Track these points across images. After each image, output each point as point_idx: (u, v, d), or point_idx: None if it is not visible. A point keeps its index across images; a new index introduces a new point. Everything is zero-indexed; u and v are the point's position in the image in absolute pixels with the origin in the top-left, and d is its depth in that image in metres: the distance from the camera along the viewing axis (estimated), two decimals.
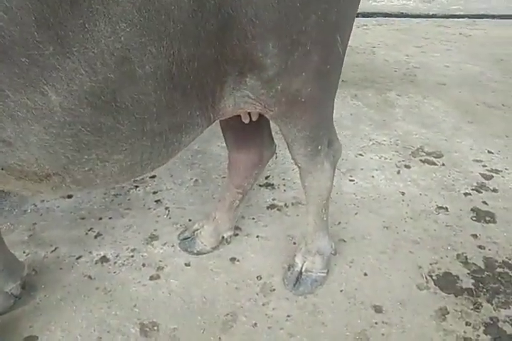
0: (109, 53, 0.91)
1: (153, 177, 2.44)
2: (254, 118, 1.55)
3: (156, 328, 1.55)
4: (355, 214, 2.15)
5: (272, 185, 2.38)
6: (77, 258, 1.85)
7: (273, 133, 1.80)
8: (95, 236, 1.97)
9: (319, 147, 1.42)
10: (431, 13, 6.54)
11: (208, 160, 2.63)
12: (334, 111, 1.50)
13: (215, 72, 1.09)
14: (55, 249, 1.89)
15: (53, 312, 1.60)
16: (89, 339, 1.50)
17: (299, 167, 1.50)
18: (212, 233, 1.86)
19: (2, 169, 0.97)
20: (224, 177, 2.46)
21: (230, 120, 1.60)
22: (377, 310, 1.63)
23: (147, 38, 0.93)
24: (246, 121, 1.55)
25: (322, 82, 1.26)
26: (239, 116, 1.53)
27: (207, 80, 1.09)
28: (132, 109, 1.00)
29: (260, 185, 2.37)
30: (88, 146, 1.00)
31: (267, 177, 2.45)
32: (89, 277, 1.76)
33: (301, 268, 1.72)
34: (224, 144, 2.84)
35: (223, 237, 1.89)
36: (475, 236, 2.01)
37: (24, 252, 1.85)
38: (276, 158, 2.49)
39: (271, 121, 1.45)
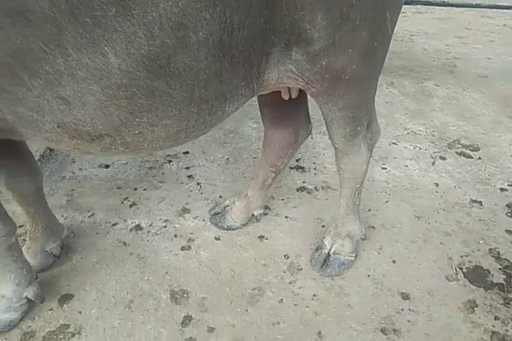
0: (166, 18, 0.92)
1: (187, 153, 2.47)
2: (293, 96, 1.54)
3: (185, 296, 1.60)
4: (386, 202, 2.13)
5: (303, 168, 2.37)
6: (113, 225, 1.91)
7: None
8: (130, 206, 2.03)
9: (358, 128, 1.40)
10: (474, 2, 6.22)
11: (239, 140, 2.64)
12: None
13: (262, 42, 1.09)
14: (92, 214, 1.96)
15: (89, 273, 1.68)
16: (122, 301, 1.57)
17: (336, 148, 1.49)
18: (242, 210, 1.88)
19: (58, 127, 1.01)
20: (255, 158, 2.47)
21: (268, 97, 1.59)
22: (405, 297, 1.63)
23: (203, 3, 0.93)
24: (286, 97, 1.54)
25: (368, 61, 1.24)
26: (278, 93, 1.52)
27: (254, 50, 1.09)
28: (184, 74, 1.01)
29: (291, 168, 2.37)
30: (141, 109, 1.03)
31: (297, 160, 2.44)
32: (124, 243, 1.82)
33: (330, 251, 1.73)
34: (255, 125, 2.90)
35: (253, 215, 1.91)
36: (509, 231, 1.97)
37: (62, 216, 1.93)
38: (312, 138, 2.46)
39: (310, 100, 1.44)
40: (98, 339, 1.43)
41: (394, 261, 1.79)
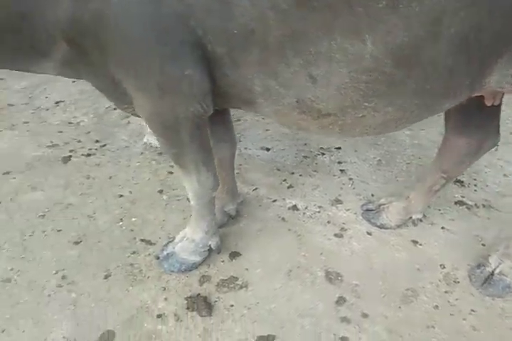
0: (426, 12, 0.98)
1: (339, 148, 2.56)
2: (497, 102, 1.48)
3: (339, 278, 1.68)
4: None
5: (462, 182, 2.27)
6: (273, 201, 2.09)
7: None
8: (288, 187, 2.20)
9: None
10: None
11: (391, 144, 2.63)
12: None
13: (497, 44, 1.09)
14: (256, 189, 2.17)
15: (252, 238, 1.87)
16: (282, 269, 1.71)
17: None
18: (400, 211, 1.89)
19: (296, 101, 1.15)
20: (408, 163, 2.44)
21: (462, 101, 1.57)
22: None
23: (462, 3, 0.97)
24: (489, 103, 1.50)
25: None
26: (475, 98, 1.49)
27: (489, 51, 1.10)
28: (424, 66, 1.07)
29: (456, 181, 2.29)
30: (373, 94, 1.11)
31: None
32: (283, 219, 1.98)
33: (494, 270, 1.64)
34: (409, 132, 2.85)
35: (411, 218, 1.91)
36: None
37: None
38: (496, 150, 2.32)
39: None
40: (261, 297, 1.59)
41: None
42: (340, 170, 2.36)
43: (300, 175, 2.29)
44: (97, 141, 2.51)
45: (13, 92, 3.08)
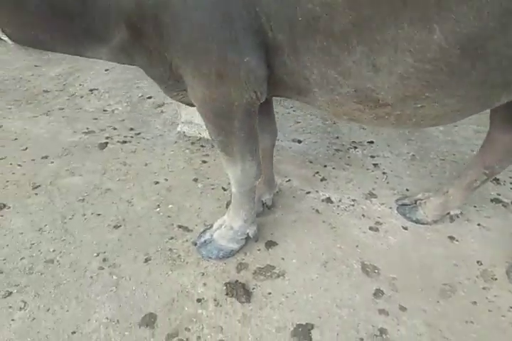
0: (498, 3, 0.95)
1: (371, 142, 2.54)
2: None
3: (376, 271, 1.68)
4: None
5: (498, 179, 2.23)
6: (307, 193, 2.09)
7: None
8: (321, 180, 2.19)
9: None
10: None
11: (425, 140, 2.60)
12: None
13: None
14: (289, 180, 2.17)
15: (288, 228, 1.88)
16: (318, 260, 1.72)
17: None
18: (438, 206, 1.87)
19: (355, 91, 1.13)
20: (442, 160, 2.41)
21: None
22: None
23: None
24: None
25: None
26: None
27: None
28: (490, 58, 1.04)
29: None
30: (436, 85, 1.09)
31: None
32: (317, 211, 1.98)
33: None
34: (442, 128, 2.81)
35: (449, 213, 1.89)
36: None
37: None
38: None
39: None
40: (298, 286, 1.61)
41: None
42: (374, 165, 2.34)
43: (333, 168, 2.29)
44: (131, 129, 2.55)
45: (48, 79, 3.15)
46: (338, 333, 1.45)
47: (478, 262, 1.75)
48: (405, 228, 1.91)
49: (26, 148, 2.35)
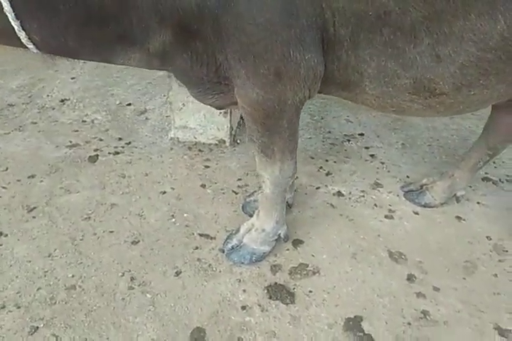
0: None
1: (362, 134, 2.62)
2: None
3: (403, 257, 1.75)
4: None
5: None
6: (317, 188, 2.12)
7: None
8: (326, 174, 2.23)
9: None
10: None
11: (408, 128, 2.73)
12: None
13: None
14: (297, 177, 2.18)
15: (309, 225, 1.88)
16: (347, 253, 1.75)
17: None
18: (445, 189, 1.98)
19: (414, 82, 1.17)
20: (429, 145, 2.56)
21: None
22: None
23: None
24: None
25: None
26: None
27: None
28: None
29: None
30: (492, 72, 1.14)
31: None
32: (332, 205, 2.01)
33: None
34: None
35: (455, 195, 2.01)
36: None
37: None
38: None
39: None
40: (336, 281, 1.62)
41: None
42: (371, 155, 2.42)
43: (334, 162, 2.33)
44: (120, 139, 2.41)
45: (9, 92, 2.87)
46: (386, 321, 1.48)
47: (487, 237, 1.88)
48: (416, 213, 2.00)
49: (7, 168, 2.12)
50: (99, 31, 1.05)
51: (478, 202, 2.09)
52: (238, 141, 2.42)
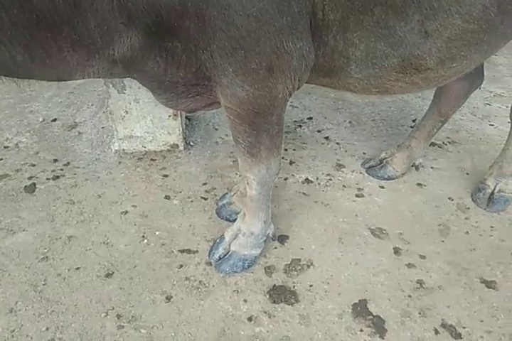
0: None
1: (310, 118, 2.63)
2: None
3: (384, 232, 1.79)
4: None
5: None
6: (285, 179, 2.07)
7: None
8: (290, 163, 2.19)
9: None
10: None
11: (350, 106, 2.80)
12: None
13: None
14: None
15: (289, 218, 1.84)
16: (332, 238, 1.74)
17: None
18: (405, 160, 2.06)
19: (402, 60, 1.15)
20: (373, 120, 2.65)
21: None
22: None
23: None
24: None
25: None
26: None
27: None
28: (508, 12, 1.15)
29: (411, 127, 2.56)
30: (473, 42, 1.17)
31: (414, 121, 2.64)
32: (304, 193, 1.99)
33: (494, 190, 1.93)
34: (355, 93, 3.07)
35: (414, 163, 2.10)
36: None
37: (236, 174, 2.08)
38: (480, 89, 2.58)
39: None
40: (331, 269, 1.61)
41: None
42: (325, 138, 2.44)
43: (294, 150, 2.31)
44: (55, 161, 2.11)
45: None
46: (389, 299, 1.51)
47: (449, 198, 2.00)
48: (382, 187, 2.06)
49: None
50: (52, 39, 0.86)
51: (431, 167, 2.22)
52: (191, 143, 2.27)
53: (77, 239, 1.68)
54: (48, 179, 1.99)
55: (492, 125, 2.63)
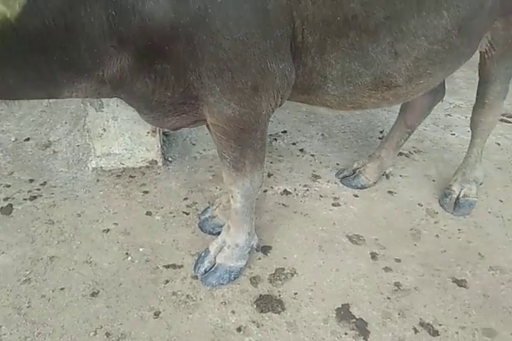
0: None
1: (285, 132, 2.72)
2: None
3: (361, 238, 1.88)
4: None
5: (382, 138, 2.71)
6: (264, 191, 2.13)
7: None
8: (268, 175, 2.26)
9: (507, 85, 1.76)
10: None
11: (321, 119, 2.93)
12: None
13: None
14: None
15: (270, 229, 1.90)
16: (313, 247, 1.81)
17: (485, 103, 1.83)
18: (376, 169, 2.19)
19: (375, 79, 1.26)
20: (344, 132, 2.78)
21: None
22: None
23: None
24: None
25: None
26: None
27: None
28: (471, 32, 1.32)
29: (380, 138, 2.71)
30: (437, 61, 1.30)
31: (381, 132, 2.79)
32: (283, 205, 2.06)
33: (459, 195, 2.08)
34: (323, 108, 3.21)
35: (385, 172, 2.23)
36: None
37: (217, 188, 2.12)
38: (442, 101, 2.63)
39: None
40: (314, 276, 1.67)
41: (501, 201, 2.17)
42: (300, 150, 2.54)
43: (271, 163, 2.38)
44: (31, 181, 2.08)
45: None
46: (370, 301, 1.58)
47: (419, 204, 2.14)
48: (356, 195, 2.17)
49: None
50: (44, 62, 0.90)
51: (400, 175, 2.35)
52: (170, 159, 2.30)
53: (60, 259, 1.66)
54: (24, 199, 1.95)
55: (453, 134, 2.83)
